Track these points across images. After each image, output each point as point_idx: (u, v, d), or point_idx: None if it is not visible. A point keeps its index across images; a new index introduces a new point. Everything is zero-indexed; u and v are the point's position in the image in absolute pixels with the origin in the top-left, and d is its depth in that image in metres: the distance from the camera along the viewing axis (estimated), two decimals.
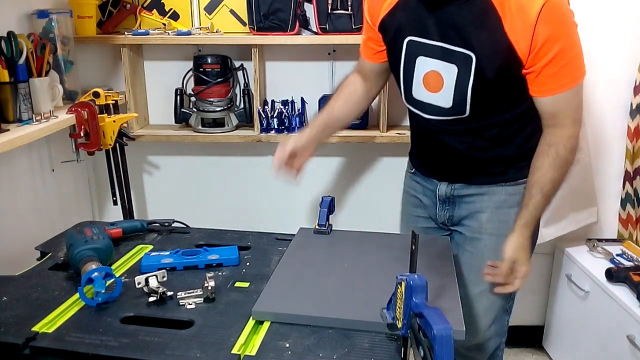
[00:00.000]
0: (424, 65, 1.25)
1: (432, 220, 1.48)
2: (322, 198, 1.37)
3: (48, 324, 0.99)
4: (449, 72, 1.22)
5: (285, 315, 0.98)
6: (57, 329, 0.98)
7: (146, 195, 2.16)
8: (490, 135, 1.31)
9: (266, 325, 0.98)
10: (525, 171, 1.31)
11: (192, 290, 1.07)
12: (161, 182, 2.13)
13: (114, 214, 1.99)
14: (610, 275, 1.78)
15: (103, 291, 1.04)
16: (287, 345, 0.91)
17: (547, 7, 1.11)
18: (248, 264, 1.24)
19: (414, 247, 0.88)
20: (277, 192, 2.15)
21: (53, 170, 1.83)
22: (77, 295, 1.05)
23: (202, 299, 1.06)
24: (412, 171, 1.52)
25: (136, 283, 1.07)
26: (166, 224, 1.43)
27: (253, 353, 0.90)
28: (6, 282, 1.14)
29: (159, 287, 1.06)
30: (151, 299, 1.05)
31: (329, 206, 1.35)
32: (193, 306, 1.05)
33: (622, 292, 1.72)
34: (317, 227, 1.34)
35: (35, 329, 0.97)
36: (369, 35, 1.38)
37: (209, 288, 1.05)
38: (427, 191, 1.46)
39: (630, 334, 1.64)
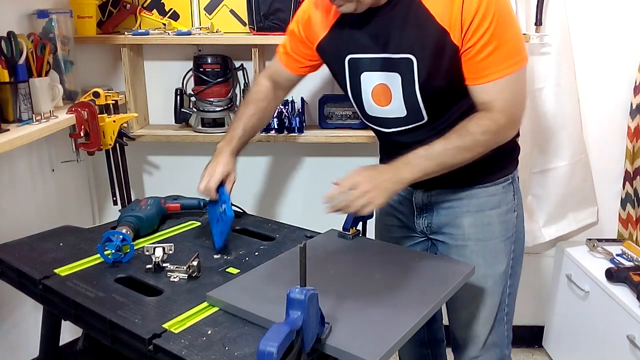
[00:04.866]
0: (369, 80, 1.24)
1: (408, 229, 1.42)
2: None
3: (66, 269, 1.13)
4: (393, 81, 1.21)
5: (231, 307, 1.00)
6: (68, 275, 1.11)
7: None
8: None
9: (212, 310, 1.00)
10: (504, 169, 1.30)
11: (181, 266, 1.13)
12: (161, 182, 2.13)
13: (114, 214, 1.99)
14: (610, 275, 1.78)
15: (113, 252, 1.17)
16: (209, 332, 0.93)
17: None
18: (257, 253, 1.25)
19: (302, 260, 0.84)
20: (277, 192, 2.15)
21: (53, 170, 1.83)
22: None
23: (186, 275, 1.12)
24: None
25: (145, 250, 1.18)
26: None
27: (177, 331, 0.93)
28: (73, 232, 1.33)
29: (158, 258, 1.14)
30: (148, 266, 1.15)
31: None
32: (176, 280, 1.11)
33: (622, 292, 1.72)
34: (341, 230, 1.30)
35: (56, 271, 1.12)
36: (299, 49, 1.36)
37: (190, 268, 1.12)
38: (404, 199, 1.40)
39: (630, 334, 1.64)
